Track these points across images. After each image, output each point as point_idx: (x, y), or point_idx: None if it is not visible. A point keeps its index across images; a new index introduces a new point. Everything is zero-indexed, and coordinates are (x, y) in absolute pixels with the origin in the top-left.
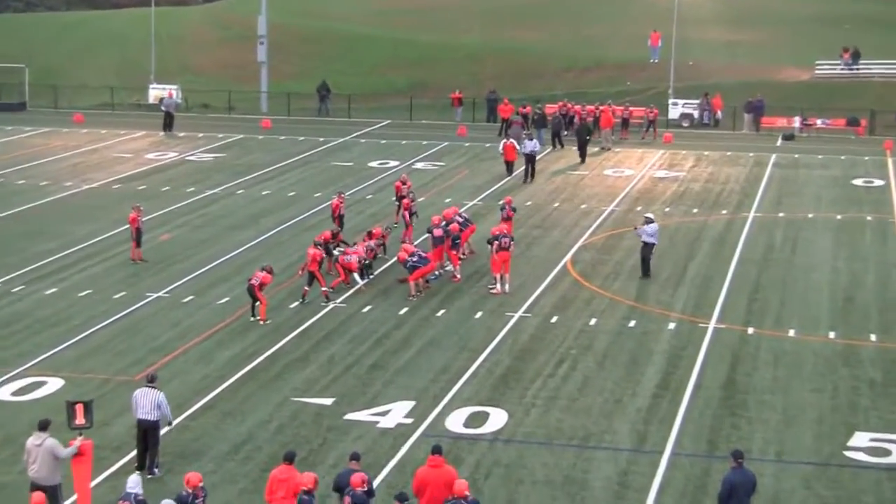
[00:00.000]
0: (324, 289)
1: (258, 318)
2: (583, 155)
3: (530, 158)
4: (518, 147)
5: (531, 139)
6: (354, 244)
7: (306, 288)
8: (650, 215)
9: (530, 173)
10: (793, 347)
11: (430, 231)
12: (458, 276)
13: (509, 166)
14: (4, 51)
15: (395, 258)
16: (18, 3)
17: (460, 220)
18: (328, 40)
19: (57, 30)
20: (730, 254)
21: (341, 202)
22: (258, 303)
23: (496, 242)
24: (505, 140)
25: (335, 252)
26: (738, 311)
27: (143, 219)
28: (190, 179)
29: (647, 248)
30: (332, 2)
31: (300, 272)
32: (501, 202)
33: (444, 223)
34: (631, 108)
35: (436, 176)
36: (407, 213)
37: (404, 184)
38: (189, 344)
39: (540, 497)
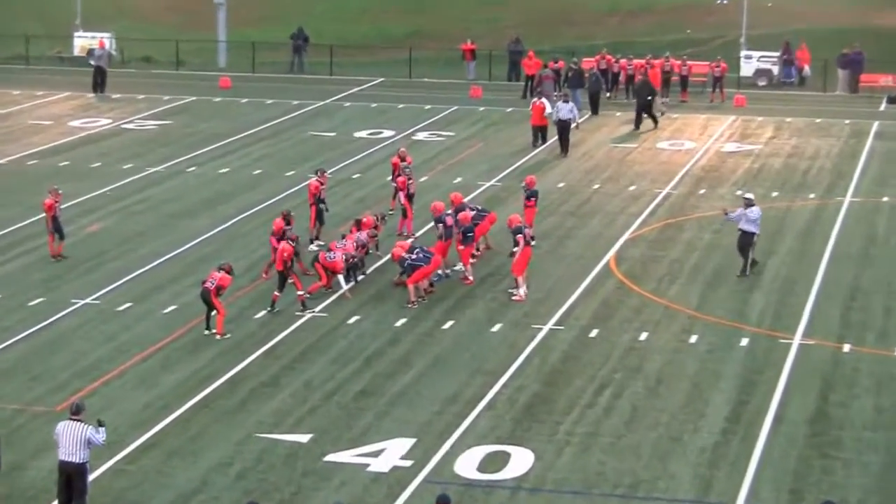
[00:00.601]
0: (300, 293)
1: (214, 331)
2: (638, 120)
3: (563, 127)
4: (549, 108)
5: (566, 101)
6: (343, 237)
7: (276, 293)
8: (750, 195)
9: (563, 146)
10: None
11: (440, 221)
12: (471, 277)
13: (538, 133)
14: None
15: (388, 255)
16: None
17: (470, 210)
18: None
19: None
20: (819, 249)
21: (322, 183)
22: (214, 312)
23: (520, 236)
24: (535, 99)
25: (312, 247)
26: (831, 322)
27: (63, 205)
28: (127, 153)
29: (746, 238)
30: None
31: (264, 274)
32: (523, 183)
33: (451, 210)
34: (691, 63)
35: (442, 149)
36: (404, 196)
37: (403, 160)
38: (126, 364)
39: None
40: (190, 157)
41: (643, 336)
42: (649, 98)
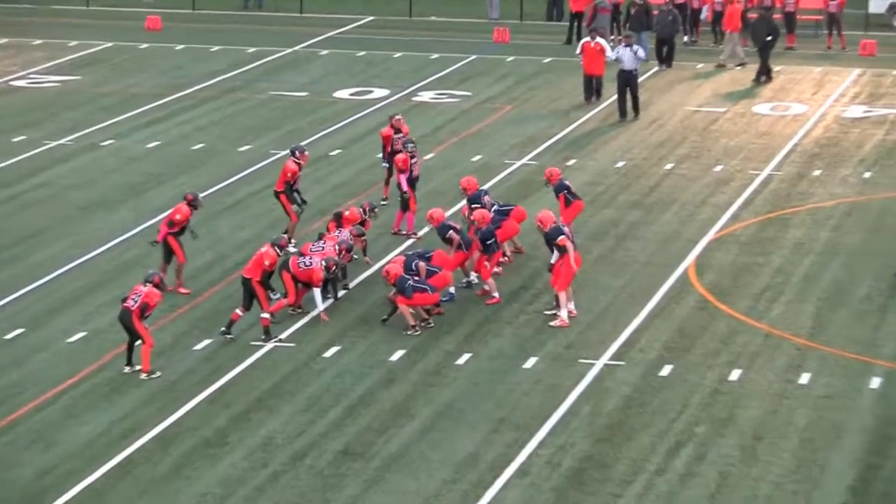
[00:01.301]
0: (265, 315)
1: (138, 367)
2: (764, 69)
3: (627, 80)
4: (608, 51)
5: (629, 45)
6: (320, 237)
7: (240, 311)
8: None
9: (624, 107)
10: None
11: (447, 231)
12: (496, 294)
13: (591, 86)
14: None
15: (380, 264)
16: None
17: (488, 201)
18: None
19: None
20: None
21: (301, 166)
22: (139, 341)
23: (562, 238)
24: (587, 38)
25: (288, 255)
26: None
27: None
28: (18, 121)
29: None
30: None
31: (178, 288)
32: (545, 175)
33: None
34: None
35: (454, 116)
36: (404, 181)
37: (397, 130)
38: (16, 413)
39: None
40: (105, 126)
41: (735, 374)
42: (769, 38)
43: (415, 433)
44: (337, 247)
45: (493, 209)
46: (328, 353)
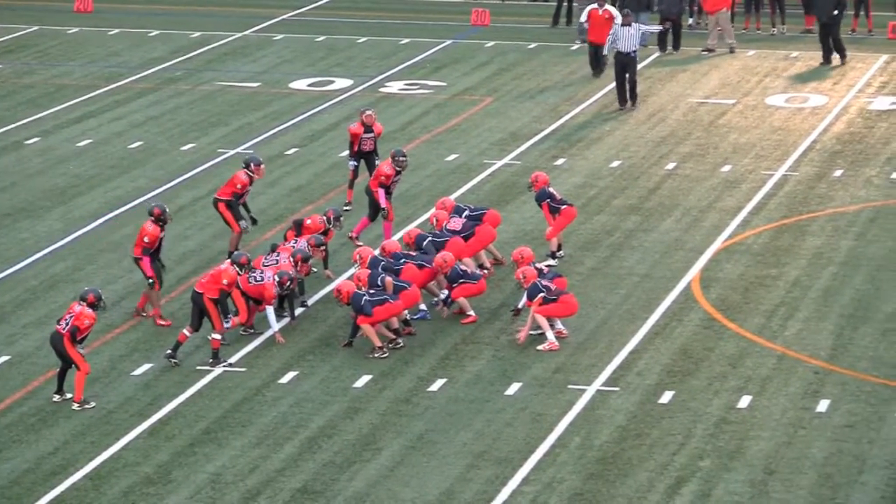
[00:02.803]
0: (215, 336)
1: (70, 396)
2: (838, 50)
3: (624, 64)
4: (618, 20)
5: (627, 24)
6: (274, 249)
7: (187, 331)
8: None
9: (623, 95)
10: None
11: (390, 263)
12: (471, 311)
13: (597, 57)
14: None
15: (338, 283)
16: None
17: (461, 208)
18: None
19: None
20: None
21: (252, 180)
22: (73, 366)
23: (539, 295)
24: (592, 6)
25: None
26: None
27: None
28: None
29: None
30: None
31: (147, 312)
32: (530, 179)
33: (425, 236)
34: None
35: (427, 109)
36: (383, 197)
37: (368, 129)
38: None
39: None
40: (29, 122)
41: (744, 402)
42: (836, 13)
43: (382, 469)
44: (291, 258)
45: (464, 215)
46: (284, 379)
